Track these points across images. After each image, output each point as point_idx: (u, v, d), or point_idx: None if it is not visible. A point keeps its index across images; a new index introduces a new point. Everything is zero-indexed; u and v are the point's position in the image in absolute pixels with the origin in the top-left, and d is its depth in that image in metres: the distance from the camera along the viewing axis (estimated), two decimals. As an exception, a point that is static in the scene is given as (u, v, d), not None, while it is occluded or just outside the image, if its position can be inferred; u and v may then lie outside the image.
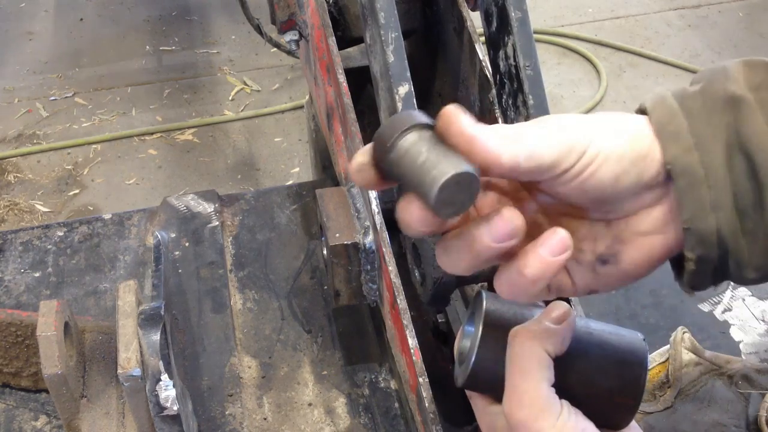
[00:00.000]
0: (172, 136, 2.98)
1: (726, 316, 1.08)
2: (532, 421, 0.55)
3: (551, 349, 0.57)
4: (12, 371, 0.98)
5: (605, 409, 0.58)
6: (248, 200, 1.23)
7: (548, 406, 0.55)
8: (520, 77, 0.74)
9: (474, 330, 0.61)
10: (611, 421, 0.59)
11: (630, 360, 0.59)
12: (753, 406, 0.94)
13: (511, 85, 0.76)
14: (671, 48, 3.37)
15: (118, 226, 1.19)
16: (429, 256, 0.69)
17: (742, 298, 1.10)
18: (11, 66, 3.31)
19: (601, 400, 0.58)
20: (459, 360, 0.63)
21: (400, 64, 0.77)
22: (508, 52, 0.77)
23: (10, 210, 2.67)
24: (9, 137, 2.97)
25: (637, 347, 0.60)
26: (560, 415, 0.55)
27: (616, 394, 0.58)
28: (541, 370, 0.56)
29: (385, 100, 0.81)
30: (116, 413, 0.90)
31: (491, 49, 0.81)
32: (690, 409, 0.95)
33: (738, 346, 1.05)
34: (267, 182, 2.74)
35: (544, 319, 0.58)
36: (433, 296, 0.70)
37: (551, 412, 0.55)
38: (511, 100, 0.77)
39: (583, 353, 0.59)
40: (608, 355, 0.59)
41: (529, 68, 0.74)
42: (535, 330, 0.57)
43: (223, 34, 3.47)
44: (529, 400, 0.55)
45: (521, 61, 0.74)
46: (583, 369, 0.58)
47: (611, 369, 0.59)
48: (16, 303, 1.09)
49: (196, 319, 1.07)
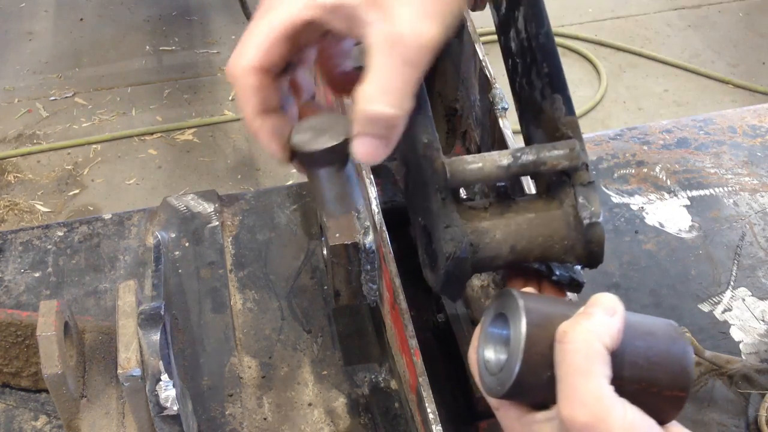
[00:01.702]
0: (172, 136, 2.98)
1: (726, 316, 1.08)
2: (599, 422, 0.52)
3: (609, 343, 0.55)
4: (12, 371, 0.98)
5: (656, 404, 0.56)
6: (248, 200, 1.23)
7: (613, 404, 0.53)
8: (532, 46, 0.72)
9: (509, 332, 0.58)
10: (660, 416, 0.56)
11: (675, 351, 0.57)
12: (753, 406, 0.94)
13: (524, 61, 0.74)
14: (671, 48, 3.37)
15: (118, 226, 1.19)
16: (440, 230, 0.66)
17: (742, 298, 1.10)
18: (11, 66, 3.31)
19: (651, 395, 0.56)
20: (489, 368, 0.60)
21: None
22: (519, 26, 0.74)
23: (10, 210, 2.68)
24: (9, 137, 2.98)
25: (677, 336, 0.58)
26: (626, 414, 0.53)
27: (666, 387, 0.56)
28: (601, 366, 0.54)
29: None
30: (116, 413, 0.90)
31: (502, 36, 0.78)
32: (690, 409, 0.95)
33: (738, 346, 1.05)
34: (267, 182, 2.74)
35: (595, 312, 0.56)
36: (446, 277, 0.66)
37: (617, 410, 0.53)
38: (525, 79, 0.74)
39: (631, 346, 0.57)
40: (654, 347, 0.57)
41: (541, 36, 0.71)
42: (588, 324, 0.55)
43: (223, 34, 3.48)
44: (593, 401, 0.52)
45: (533, 29, 0.72)
46: (633, 363, 0.56)
47: (660, 361, 0.57)
48: (16, 303, 1.09)
49: (196, 319, 1.07)
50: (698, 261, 1.15)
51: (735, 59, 3.39)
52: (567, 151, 0.66)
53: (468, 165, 0.66)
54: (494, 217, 0.68)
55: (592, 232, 0.66)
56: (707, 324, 1.07)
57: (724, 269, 1.14)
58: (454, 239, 0.65)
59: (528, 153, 0.66)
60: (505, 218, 0.68)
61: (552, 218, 0.68)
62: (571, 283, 0.69)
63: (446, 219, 0.66)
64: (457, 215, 0.66)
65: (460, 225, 0.66)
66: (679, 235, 1.18)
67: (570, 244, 0.67)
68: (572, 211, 0.67)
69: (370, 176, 0.81)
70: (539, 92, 0.72)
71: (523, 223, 0.67)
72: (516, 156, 0.66)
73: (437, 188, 0.66)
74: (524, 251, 0.67)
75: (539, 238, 0.67)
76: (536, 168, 0.67)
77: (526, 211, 0.68)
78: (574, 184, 0.67)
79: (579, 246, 0.67)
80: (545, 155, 0.66)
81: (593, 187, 0.67)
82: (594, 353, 0.54)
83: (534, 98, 0.72)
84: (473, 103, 0.94)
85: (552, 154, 0.66)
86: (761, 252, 1.16)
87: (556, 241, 0.67)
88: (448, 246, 0.65)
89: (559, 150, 0.67)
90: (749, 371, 0.97)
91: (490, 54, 0.88)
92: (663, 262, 1.14)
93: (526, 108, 0.74)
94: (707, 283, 1.12)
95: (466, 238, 0.66)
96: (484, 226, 0.67)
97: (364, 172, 0.82)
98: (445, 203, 0.66)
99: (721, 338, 1.05)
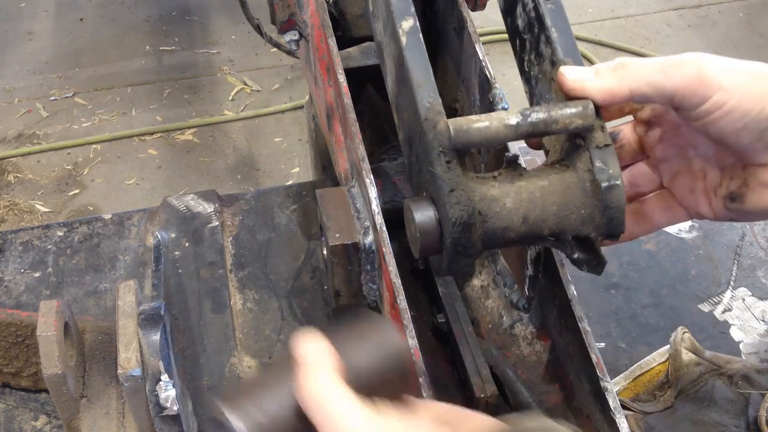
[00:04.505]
0: (172, 136, 2.98)
1: (726, 316, 1.08)
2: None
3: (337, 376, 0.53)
4: (12, 371, 0.98)
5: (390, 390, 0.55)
6: (248, 200, 1.23)
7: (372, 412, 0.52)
8: (540, 13, 0.68)
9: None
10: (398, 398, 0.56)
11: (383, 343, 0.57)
12: (753, 406, 0.94)
13: (532, 34, 0.70)
14: (671, 48, 3.37)
15: (118, 226, 1.19)
16: (444, 194, 0.61)
17: (742, 298, 1.10)
18: (11, 66, 3.31)
19: (384, 386, 0.55)
20: None
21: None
22: (525, 1, 0.72)
23: (10, 210, 2.67)
24: (9, 137, 2.97)
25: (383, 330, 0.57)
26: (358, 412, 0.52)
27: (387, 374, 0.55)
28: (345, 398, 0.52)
29: (388, 47, 0.73)
30: (116, 413, 0.90)
31: (508, 17, 0.76)
32: (690, 409, 0.95)
33: (738, 346, 1.05)
34: (267, 182, 2.74)
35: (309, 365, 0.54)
36: (453, 248, 0.61)
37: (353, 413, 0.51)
38: (533, 53, 0.70)
39: (351, 361, 0.55)
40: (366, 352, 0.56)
41: (549, 2, 0.68)
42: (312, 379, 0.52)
43: (223, 34, 3.48)
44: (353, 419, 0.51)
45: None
46: (358, 372, 0.55)
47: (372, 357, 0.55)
48: (16, 303, 1.09)
49: (196, 319, 1.07)
50: (698, 261, 1.15)
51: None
52: (580, 110, 0.62)
53: (473, 123, 0.62)
54: (504, 185, 0.63)
55: (611, 196, 0.62)
56: (707, 324, 1.07)
57: (724, 269, 1.14)
58: (459, 203, 0.61)
59: (538, 111, 0.62)
60: (516, 186, 0.63)
61: (567, 185, 0.63)
62: (590, 263, 0.65)
63: (451, 183, 0.61)
64: (463, 180, 0.62)
65: (467, 190, 0.61)
66: (679, 235, 1.18)
67: (587, 212, 0.63)
68: (588, 176, 0.63)
69: (370, 176, 0.81)
70: (549, 61, 0.68)
71: (536, 191, 0.63)
72: (525, 114, 0.62)
73: (441, 151, 0.62)
74: (538, 221, 0.63)
75: (553, 206, 0.63)
76: (547, 128, 0.62)
77: (539, 178, 0.64)
78: (589, 147, 0.63)
79: (597, 213, 0.62)
80: (557, 113, 0.62)
81: (611, 149, 0.62)
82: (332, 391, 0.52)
83: (544, 70, 0.69)
84: (473, 103, 0.94)
85: (564, 112, 0.62)
86: (761, 252, 1.16)
87: (572, 209, 0.63)
88: (453, 210, 0.60)
89: (571, 108, 0.63)
90: (749, 371, 0.97)
91: (490, 54, 0.87)
92: (663, 262, 1.14)
93: (536, 85, 0.71)
94: (707, 283, 1.12)
95: (474, 204, 0.61)
96: (494, 194, 0.62)
97: (364, 171, 0.82)
98: (450, 166, 0.62)
99: (721, 338, 1.05)
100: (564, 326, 0.77)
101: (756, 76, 0.64)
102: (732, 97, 0.63)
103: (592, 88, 0.63)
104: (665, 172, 0.76)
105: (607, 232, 0.63)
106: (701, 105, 0.63)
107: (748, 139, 0.64)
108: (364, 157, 0.82)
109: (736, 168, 0.70)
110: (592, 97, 0.63)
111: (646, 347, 1.04)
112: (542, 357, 0.83)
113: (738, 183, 0.69)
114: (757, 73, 0.65)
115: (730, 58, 0.66)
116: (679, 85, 0.63)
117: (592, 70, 0.64)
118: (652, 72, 0.63)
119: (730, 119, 0.63)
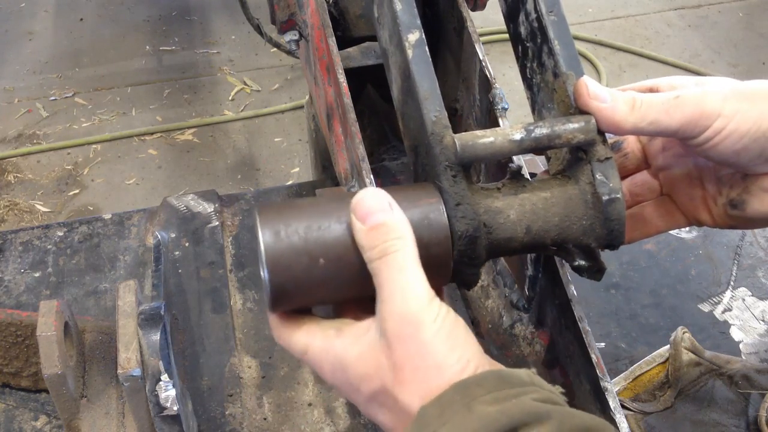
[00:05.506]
0: (172, 136, 2.98)
1: (726, 316, 1.08)
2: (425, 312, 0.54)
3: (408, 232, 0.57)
4: (12, 371, 0.98)
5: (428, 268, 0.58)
6: (248, 200, 1.23)
7: (430, 302, 0.55)
8: (543, 24, 0.70)
9: None
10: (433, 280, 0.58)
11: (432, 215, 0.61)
12: (753, 406, 0.94)
13: (534, 43, 0.72)
14: (671, 48, 3.37)
15: (118, 226, 1.19)
16: (451, 208, 0.63)
17: (742, 298, 1.10)
18: (11, 66, 3.31)
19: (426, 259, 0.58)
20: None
21: (409, 11, 0.72)
22: (528, 9, 0.73)
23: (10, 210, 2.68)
24: (9, 137, 2.97)
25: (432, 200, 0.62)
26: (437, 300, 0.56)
27: (432, 247, 0.60)
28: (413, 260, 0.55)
29: (394, 56, 0.75)
30: (116, 413, 0.90)
31: (511, 23, 0.77)
32: (690, 409, 0.95)
33: (738, 346, 1.05)
34: (267, 182, 2.74)
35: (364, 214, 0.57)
36: (459, 258, 0.63)
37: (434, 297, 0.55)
38: (536, 62, 0.72)
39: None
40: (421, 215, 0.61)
41: (552, 14, 0.69)
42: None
43: (223, 34, 3.48)
44: (417, 292, 0.54)
45: (543, 8, 0.70)
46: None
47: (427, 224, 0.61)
48: (16, 303, 1.09)
49: (196, 319, 1.07)
50: (698, 261, 1.15)
51: (735, 59, 3.39)
52: (582, 125, 0.64)
53: (479, 139, 0.64)
54: (508, 197, 0.65)
55: (612, 209, 0.64)
56: (707, 324, 1.07)
57: (724, 269, 1.14)
58: (466, 216, 0.63)
59: (542, 126, 0.64)
60: (519, 198, 0.65)
61: (568, 197, 0.65)
62: (590, 270, 0.67)
63: (457, 197, 0.63)
64: (469, 193, 0.64)
65: (472, 203, 0.64)
66: (679, 235, 1.18)
67: (588, 223, 0.65)
68: (590, 188, 0.65)
69: (370, 176, 0.81)
70: (551, 72, 0.69)
71: (539, 203, 0.65)
72: (529, 130, 0.64)
73: (447, 165, 0.64)
74: (540, 232, 0.65)
75: (555, 218, 0.65)
76: (550, 142, 0.64)
77: (541, 190, 0.66)
78: (591, 160, 0.65)
79: (598, 225, 0.65)
80: (560, 128, 0.64)
81: (611, 162, 0.65)
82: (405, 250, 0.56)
83: (546, 80, 0.70)
84: (473, 103, 0.94)
85: (567, 127, 0.64)
86: (761, 252, 1.16)
87: (574, 220, 0.65)
88: (460, 224, 0.62)
89: (574, 123, 0.65)
90: (749, 371, 0.97)
91: (490, 54, 0.87)
92: (663, 262, 1.15)
93: (538, 93, 0.72)
94: (707, 283, 1.12)
95: (479, 217, 0.64)
96: (498, 206, 0.65)
97: (364, 171, 0.82)
98: (456, 180, 0.63)
99: (721, 338, 1.05)
100: (564, 326, 0.77)
101: (753, 98, 0.66)
102: (730, 122, 0.65)
103: (601, 116, 0.65)
104: (665, 179, 0.77)
105: (608, 242, 0.66)
106: (702, 134, 0.66)
107: (748, 158, 0.67)
108: (364, 157, 0.82)
109: (735, 177, 0.72)
110: (599, 123, 0.65)
111: (646, 347, 1.04)
112: (542, 357, 0.83)
113: (739, 190, 0.71)
114: (753, 94, 0.67)
115: (732, 83, 0.68)
116: (682, 122, 0.65)
117: (609, 94, 0.66)
118: (656, 112, 0.65)
119: (729, 142, 0.66)
